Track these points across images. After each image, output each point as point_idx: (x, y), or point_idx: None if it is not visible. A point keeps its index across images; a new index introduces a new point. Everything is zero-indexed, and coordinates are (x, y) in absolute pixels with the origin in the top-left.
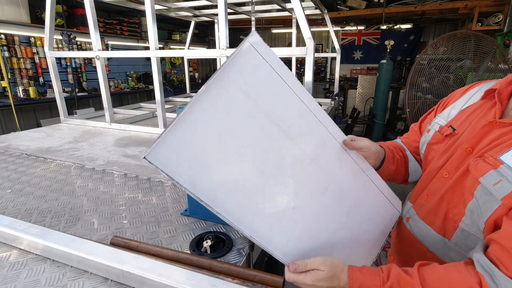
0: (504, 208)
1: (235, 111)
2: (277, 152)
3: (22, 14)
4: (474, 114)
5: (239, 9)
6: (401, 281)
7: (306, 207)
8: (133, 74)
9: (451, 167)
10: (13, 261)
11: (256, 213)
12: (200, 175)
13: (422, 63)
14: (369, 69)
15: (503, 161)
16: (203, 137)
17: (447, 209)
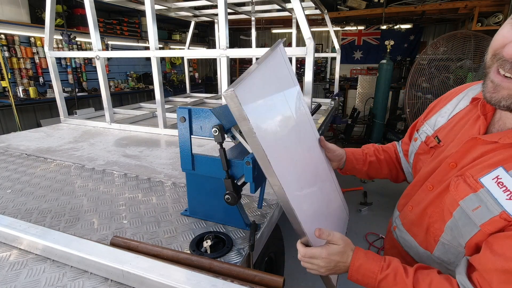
0: (483, 234)
1: (271, 82)
2: (289, 116)
3: (22, 14)
4: (460, 124)
5: (239, 9)
6: (397, 275)
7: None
8: (133, 74)
9: (435, 181)
10: (13, 261)
11: (289, 168)
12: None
13: (422, 63)
14: (369, 69)
15: (483, 184)
16: (261, 90)
17: (429, 222)
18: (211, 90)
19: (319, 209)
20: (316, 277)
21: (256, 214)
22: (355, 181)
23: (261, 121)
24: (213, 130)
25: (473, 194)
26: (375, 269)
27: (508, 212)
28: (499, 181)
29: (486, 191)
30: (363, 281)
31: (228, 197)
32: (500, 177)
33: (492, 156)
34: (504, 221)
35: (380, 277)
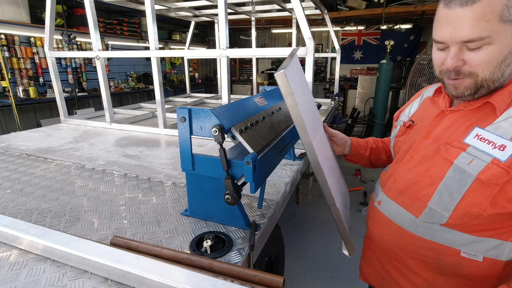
0: (478, 182)
1: (298, 70)
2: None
3: (22, 14)
4: (428, 107)
5: (239, 9)
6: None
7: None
8: (133, 74)
9: (413, 152)
10: (13, 261)
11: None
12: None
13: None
14: (369, 69)
15: (468, 143)
16: (295, 74)
17: (416, 190)
18: (211, 90)
19: (334, 181)
20: (316, 277)
21: (256, 214)
22: (355, 181)
23: (298, 98)
24: (213, 130)
25: (464, 152)
26: None
27: (498, 157)
28: (480, 137)
29: (473, 147)
30: None
31: (228, 197)
32: (479, 134)
33: (463, 122)
34: (496, 166)
35: None
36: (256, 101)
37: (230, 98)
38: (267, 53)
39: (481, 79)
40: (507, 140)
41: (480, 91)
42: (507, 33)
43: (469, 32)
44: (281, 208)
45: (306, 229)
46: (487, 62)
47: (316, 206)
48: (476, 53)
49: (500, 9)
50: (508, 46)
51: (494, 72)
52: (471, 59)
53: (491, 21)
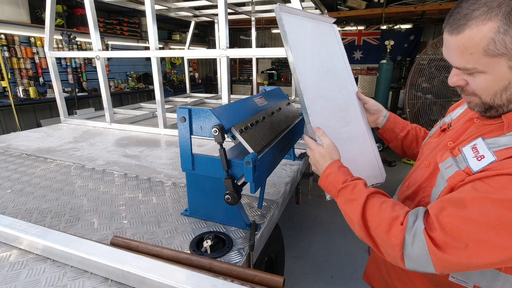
0: (449, 189)
1: (316, 34)
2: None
3: (22, 14)
4: (467, 113)
5: (239, 9)
6: (355, 187)
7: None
8: (133, 74)
9: (432, 158)
10: (13, 261)
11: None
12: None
13: (422, 63)
14: (369, 69)
15: (463, 151)
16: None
17: (422, 197)
18: (211, 90)
19: (337, 129)
20: (316, 277)
21: (256, 214)
22: None
23: (298, 46)
24: (213, 130)
25: (451, 158)
26: (340, 180)
27: (471, 166)
28: (473, 147)
29: (463, 156)
30: (328, 187)
31: (228, 197)
32: (476, 144)
33: (477, 131)
34: (465, 174)
35: (340, 186)
36: (256, 101)
37: (230, 98)
38: (267, 53)
39: (484, 102)
40: (490, 152)
41: (490, 111)
42: (499, 65)
43: (456, 61)
44: (281, 208)
45: (306, 229)
46: (483, 89)
47: (316, 206)
48: (473, 78)
49: (485, 43)
50: (506, 77)
51: (494, 99)
52: (470, 81)
53: (474, 54)
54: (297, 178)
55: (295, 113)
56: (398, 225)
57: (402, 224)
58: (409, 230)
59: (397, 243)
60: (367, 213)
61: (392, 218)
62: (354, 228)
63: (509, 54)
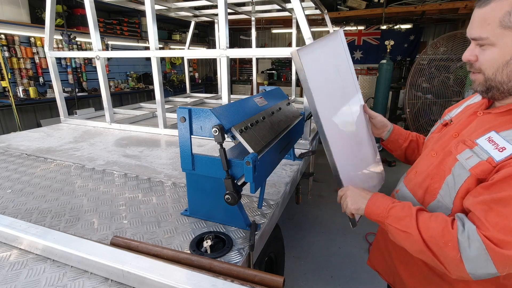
0: (472, 178)
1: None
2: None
3: (22, 14)
4: (468, 110)
5: (239, 9)
6: (405, 206)
7: (352, 140)
8: (133, 74)
9: (439, 148)
10: (13, 261)
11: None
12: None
13: (422, 63)
14: (369, 69)
15: (478, 143)
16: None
17: (430, 183)
18: (211, 90)
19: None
20: (316, 277)
21: (256, 214)
22: None
23: (312, 74)
24: (213, 130)
25: (469, 150)
26: (388, 202)
27: (493, 156)
28: (490, 140)
29: (480, 147)
30: (377, 211)
31: (228, 197)
32: (491, 137)
33: (486, 124)
34: (489, 164)
35: (391, 206)
36: (256, 101)
37: (230, 98)
38: (267, 53)
39: (487, 78)
40: (509, 144)
41: (491, 91)
42: (507, 38)
43: (474, 31)
44: (281, 208)
45: (306, 229)
46: (489, 61)
47: (316, 206)
48: (483, 51)
49: (502, 15)
50: (508, 51)
51: (496, 73)
52: (479, 56)
53: (491, 25)
54: (297, 178)
55: (295, 113)
56: (449, 230)
57: (453, 228)
58: (461, 233)
59: (453, 247)
60: (421, 227)
61: (443, 226)
62: (408, 244)
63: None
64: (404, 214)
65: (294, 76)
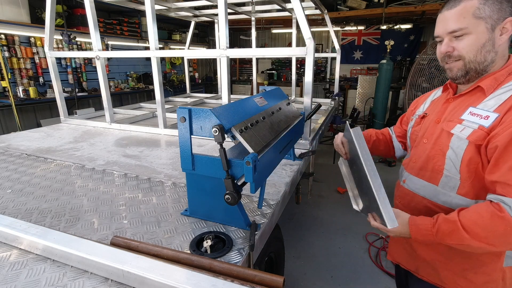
0: (471, 145)
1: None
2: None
3: (22, 14)
4: (438, 101)
5: (239, 9)
6: (446, 220)
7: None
8: (133, 74)
9: (428, 135)
10: (13, 261)
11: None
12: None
13: (422, 63)
14: (369, 69)
15: (464, 118)
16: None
17: (433, 163)
18: (211, 90)
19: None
20: (316, 277)
21: (256, 214)
22: None
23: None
24: (213, 130)
25: (459, 124)
26: (428, 225)
27: (482, 124)
28: (472, 113)
29: (467, 120)
30: (423, 236)
31: (228, 197)
32: (472, 111)
33: (462, 105)
34: (481, 131)
35: (434, 231)
36: (256, 101)
37: (230, 98)
38: (267, 53)
39: (468, 61)
40: (490, 112)
41: (470, 73)
42: (480, 26)
43: (452, 25)
44: (281, 208)
45: (306, 229)
46: (469, 46)
47: (316, 206)
48: (460, 40)
49: (473, 9)
50: (484, 36)
51: (476, 55)
52: (457, 45)
53: (466, 17)
54: (297, 178)
55: (295, 113)
56: (498, 216)
57: (501, 212)
58: (509, 210)
59: (511, 228)
60: (471, 231)
61: (489, 216)
62: (473, 250)
63: (485, 18)
64: (450, 229)
65: (294, 76)
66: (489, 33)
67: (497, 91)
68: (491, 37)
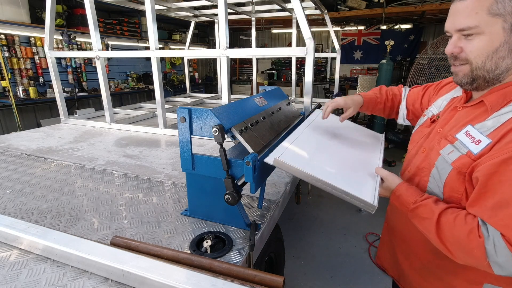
0: (454, 171)
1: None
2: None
3: (22, 14)
4: (451, 104)
5: (239, 9)
6: (427, 207)
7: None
8: (133, 74)
9: (427, 145)
10: (13, 261)
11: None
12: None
13: (422, 63)
14: (369, 69)
15: (458, 138)
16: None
17: (420, 177)
18: (211, 90)
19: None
20: (316, 277)
21: (256, 214)
22: None
23: (305, 164)
24: (213, 130)
25: (450, 145)
26: (410, 201)
27: (471, 150)
28: (467, 133)
29: (459, 141)
30: (400, 208)
31: (228, 197)
32: (468, 131)
33: (463, 119)
34: (468, 158)
35: (412, 207)
36: (256, 101)
37: (230, 98)
38: (267, 53)
39: (475, 67)
40: (483, 136)
41: (477, 81)
42: (496, 26)
43: (462, 21)
44: (281, 208)
45: (306, 229)
46: (478, 50)
47: (316, 206)
48: (470, 41)
49: (489, 4)
50: (498, 38)
51: (485, 61)
52: (465, 46)
53: (479, 13)
54: (297, 178)
55: (295, 113)
56: (476, 238)
57: (480, 237)
58: (487, 241)
59: (481, 255)
60: (443, 231)
61: (468, 231)
62: (431, 241)
63: (504, 16)
64: (425, 216)
65: (294, 76)
66: (506, 35)
67: (503, 109)
68: (509, 39)
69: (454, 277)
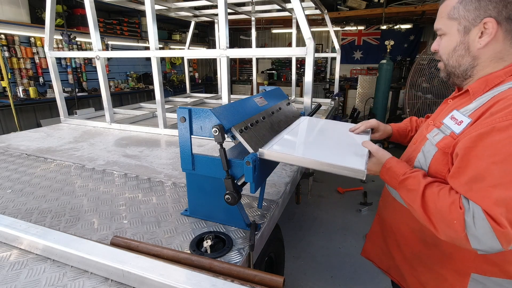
0: (439, 152)
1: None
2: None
3: (22, 14)
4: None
5: (239, 9)
6: (415, 179)
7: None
8: (133, 74)
9: (418, 136)
10: (13, 261)
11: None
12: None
13: (422, 63)
14: (369, 69)
15: (444, 122)
16: None
17: (410, 164)
18: (211, 90)
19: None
20: (316, 277)
21: (256, 214)
22: (355, 181)
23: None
24: (213, 130)
25: (436, 129)
26: (399, 172)
27: (454, 130)
28: (452, 117)
29: (445, 125)
30: (389, 180)
31: (228, 197)
32: (453, 115)
33: (451, 107)
34: (451, 138)
35: (401, 178)
36: (256, 101)
37: (230, 98)
38: (267, 53)
39: (445, 63)
40: (465, 117)
41: (451, 76)
42: (453, 28)
43: (436, 23)
44: (281, 208)
45: (306, 229)
46: (443, 48)
47: (316, 206)
48: (441, 41)
49: (449, 9)
50: (455, 39)
51: (448, 59)
52: (440, 45)
53: (444, 17)
54: (297, 178)
55: (295, 113)
56: (457, 209)
57: (461, 208)
58: (467, 212)
59: (459, 227)
60: (427, 202)
61: (450, 203)
62: (416, 215)
63: (459, 19)
64: (413, 187)
65: (294, 76)
66: (460, 36)
67: (485, 94)
68: (464, 40)
69: (442, 267)
